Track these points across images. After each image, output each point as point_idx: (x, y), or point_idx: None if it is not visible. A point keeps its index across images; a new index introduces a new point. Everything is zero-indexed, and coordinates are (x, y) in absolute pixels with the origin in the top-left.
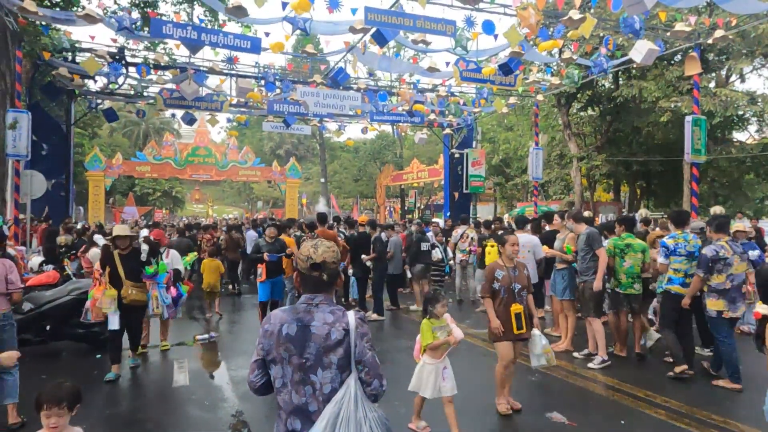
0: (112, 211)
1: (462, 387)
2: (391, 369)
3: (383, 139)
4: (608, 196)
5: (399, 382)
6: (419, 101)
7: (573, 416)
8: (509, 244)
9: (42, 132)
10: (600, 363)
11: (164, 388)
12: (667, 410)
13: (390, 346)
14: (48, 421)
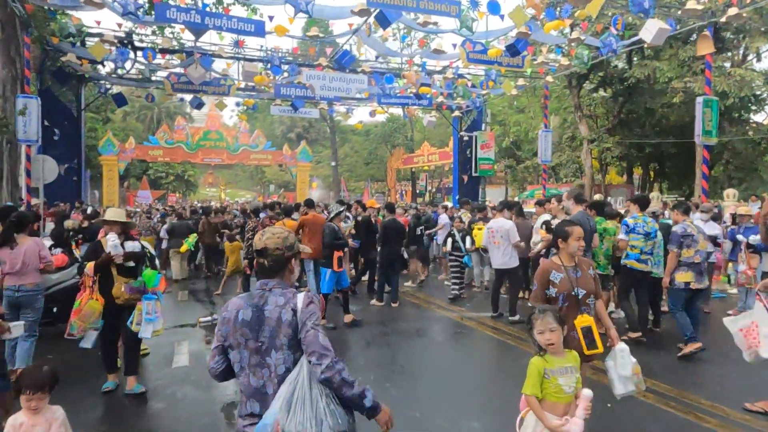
0: (126, 195)
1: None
2: (387, 352)
3: (394, 122)
4: (621, 179)
5: (393, 365)
6: (426, 83)
7: None
8: (573, 238)
9: (53, 117)
10: None
11: (164, 367)
12: (654, 393)
13: (388, 329)
14: (29, 404)
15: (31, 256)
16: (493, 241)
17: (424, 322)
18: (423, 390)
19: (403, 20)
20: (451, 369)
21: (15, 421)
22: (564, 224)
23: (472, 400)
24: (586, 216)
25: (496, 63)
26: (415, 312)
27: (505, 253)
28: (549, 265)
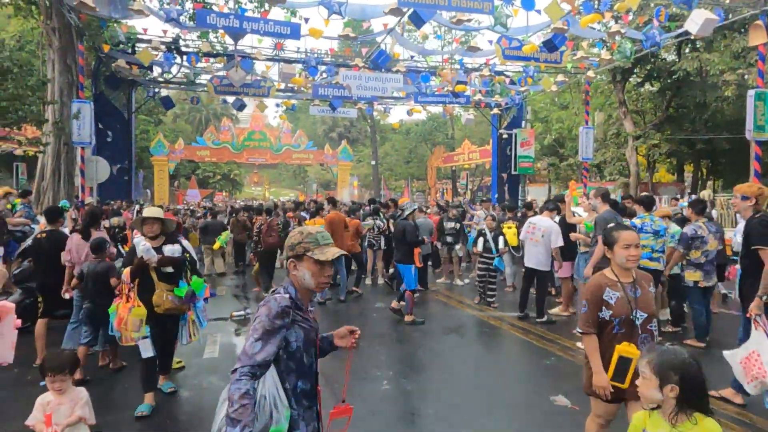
0: (176, 194)
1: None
2: (408, 348)
3: (434, 120)
4: (672, 177)
5: (413, 361)
6: (462, 81)
7: (580, 400)
8: (620, 246)
9: (107, 120)
10: None
11: (194, 357)
12: None
13: (413, 326)
14: (53, 385)
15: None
16: (531, 237)
17: (450, 321)
18: (438, 387)
19: (436, 18)
20: (470, 367)
21: (43, 399)
22: (613, 228)
23: (488, 398)
24: (614, 215)
25: (532, 59)
26: (442, 310)
27: (542, 253)
28: (602, 281)
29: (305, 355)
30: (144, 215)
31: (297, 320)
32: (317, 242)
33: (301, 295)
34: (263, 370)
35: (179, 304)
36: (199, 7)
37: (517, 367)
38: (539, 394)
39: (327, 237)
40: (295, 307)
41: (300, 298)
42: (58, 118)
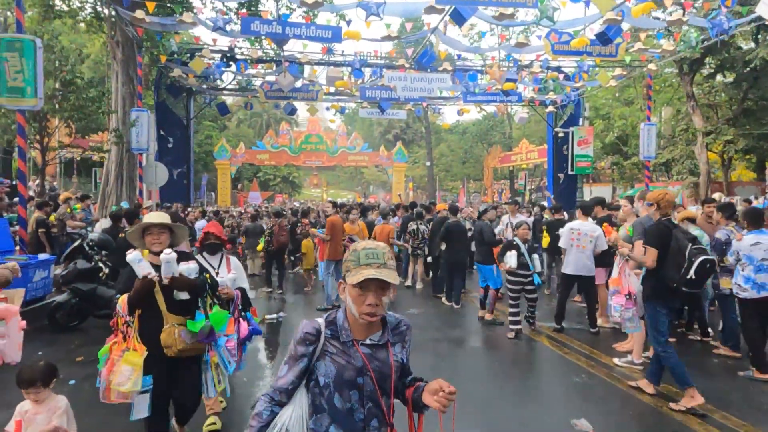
0: (237, 196)
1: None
2: (428, 357)
3: (490, 119)
4: (752, 175)
5: (431, 371)
6: (511, 79)
7: (603, 424)
8: None
9: (168, 127)
10: (627, 362)
11: None
12: (722, 429)
13: (440, 334)
14: (28, 396)
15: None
16: (577, 243)
17: (480, 329)
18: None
19: (479, 15)
20: (492, 382)
21: (22, 408)
22: None
23: (502, 417)
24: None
25: (584, 53)
26: (473, 317)
27: (589, 258)
28: None
29: (338, 397)
30: (146, 220)
31: (329, 352)
32: (357, 262)
33: (351, 323)
34: (283, 396)
35: (196, 343)
36: (244, 15)
37: (542, 383)
38: (560, 416)
39: (373, 255)
40: (332, 336)
41: (348, 327)
42: (120, 126)
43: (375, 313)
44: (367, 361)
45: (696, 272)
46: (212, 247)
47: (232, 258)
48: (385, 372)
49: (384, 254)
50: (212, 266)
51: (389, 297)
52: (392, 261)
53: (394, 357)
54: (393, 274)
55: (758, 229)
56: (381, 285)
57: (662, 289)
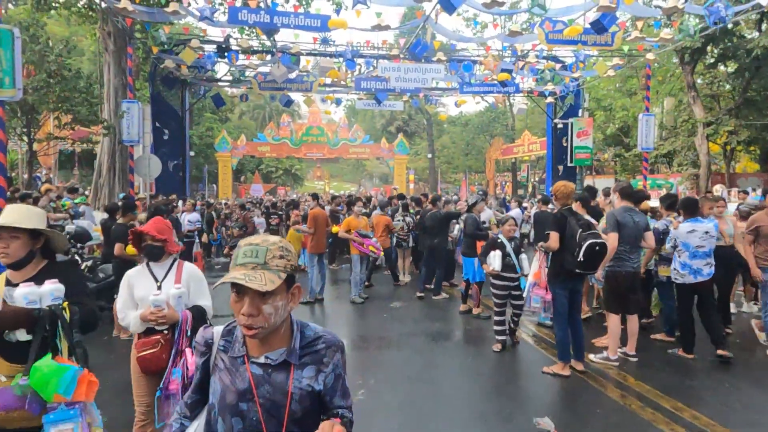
0: (239, 188)
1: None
2: (404, 354)
3: (492, 111)
4: (756, 167)
5: (404, 369)
6: (506, 69)
7: (571, 424)
8: None
9: (163, 119)
10: (603, 358)
11: None
12: (690, 429)
13: (420, 328)
14: None
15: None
16: None
17: (460, 323)
18: (417, 400)
19: (469, 3)
20: (461, 378)
21: None
22: None
23: (467, 415)
24: (630, 211)
25: (579, 42)
26: (456, 311)
27: None
28: None
29: (221, 423)
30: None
31: (219, 367)
32: (235, 260)
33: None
34: (186, 410)
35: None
36: (231, 4)
37: (514, 379)
38: (525, 413)
39: (252, 253)
40: (224, 349)
41: (242, 340)
42: (112, 118)
43: (252, 326)
44: (253, 384)
45: (585, 255)
46: (151, 252)
47: (188, 266)
48: (278, 400)
49: (268, 252)
50: (155, 277)
51: (275, 306)
52: (284, 260)
53: (298, 383)
54: (270, 277)
55: (694, 217)
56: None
57: (560, 272)
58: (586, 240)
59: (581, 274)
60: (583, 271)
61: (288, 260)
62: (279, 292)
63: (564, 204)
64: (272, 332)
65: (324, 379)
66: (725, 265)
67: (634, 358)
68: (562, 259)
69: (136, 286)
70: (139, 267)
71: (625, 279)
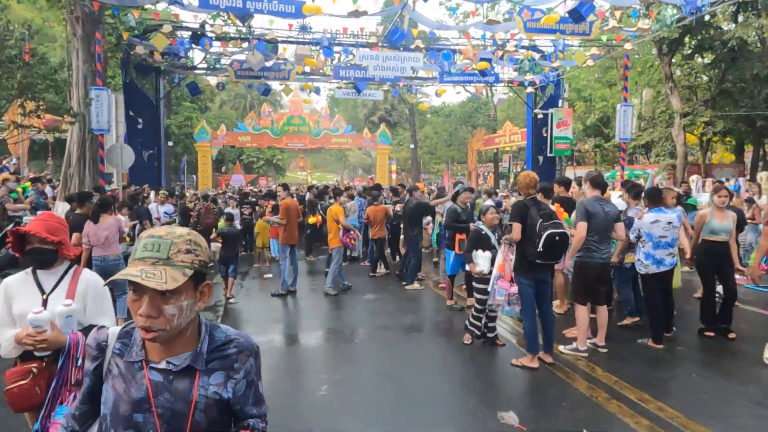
0: (218, 179)
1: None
2: (373, 349)
3: (474, 101)
4: (733, 158)
5: (370, 365)
6: (486, 58)
7: (536, 418)
8: None
9: (137, 107)
10: (572, 349)
11: None
12: (654, 421)
13: (392, 321)
14: None
15: (113, 231)
16: None
17: (433, 315)
18: (380, 396)
19: None
20: (429, 372)
21: None
22: None
23: (432, 411)
24: (600, 201)
25: (558, 32)
26: (434, 305)
27: None
28: None
29: None
30: None
31: (113, 373)
32: (133, 254)
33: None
34: (73, 423)
35: None
36: None
37: (482, 373)
38: (491, 407)
39: (154, 246)
40: (119, 353)
41: (141, 343)
42: (81, 106)
43: (151, 328)
44: (151, 392)
45: (544, 245)
46: (39, 258)
47: (86, 275)
48: (179, 410)
49: (173, 245)
50: (41, 289)
51: (179, 307)
52: (191, 255)
53: (204, 390)
54: (173, 274)
55: (658, 207)
56: (161, 290)
57: (523, 263)
58: (546, 230)
59: (543, 264)
60: (544, 262)
61: (196, 255)
62: (184, 290)
63: (527, 194)
64: (176, 335)
65: (234, 386)
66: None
67: (603, 349)
68: (524, 249)
69: (16, 299)
70: (22, 273)
71: (593, 270)
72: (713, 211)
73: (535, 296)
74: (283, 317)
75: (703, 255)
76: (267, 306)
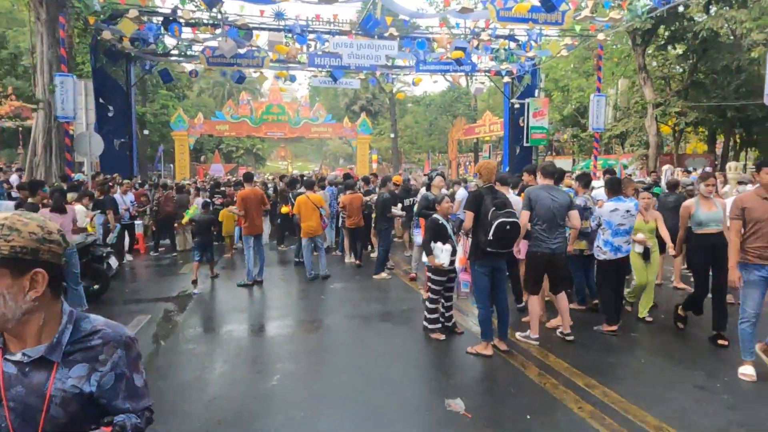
0: (197, 168)
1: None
2: (334, 337)
3: (455, 90)
4: (705, 148)
5: (326, 355)
6: (460, 47)
7: (483, 405)
8: None
9: (107, 95)
10: (525, 336)
11: None
12: (597, 406)
13: (357, 311)
14: None
15: (66, 221)
16: None
17: (401, 307)
18: (334, 388)
19: None
20: (384, 362)
21: None
22: None
23: (382, 401)
24: (548, 189)
25: (530, 21)
26: (401, 295)
27: None
28: None
29: None
30: None
31: None
32: None
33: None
34: None
35: None
36: None
37: (437, 362)
38: (440, 395)
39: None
40: None
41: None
42: (46, 92)
43: None
44: (2, 385)
45: (494, 234)
46: None
47: None
48: (33, 404)
49: None
50: None
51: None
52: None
53: (61, 384)
54: None
55: (617, 196)
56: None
57: (477, 251)
58: (498, 219)
59: (497, 252)
60: (495, 250)
61: (7, 241)
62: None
63: (486, 182)
64: (23, 325)
65: (99, 380)
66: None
67: (570, 337)
68: (477, 238)
69: None
70: None
71: (542, 260)
72: (699, 201)
73: (490, 284)
74: (246, 307)
75: (695, 251)
76: (231, 296)
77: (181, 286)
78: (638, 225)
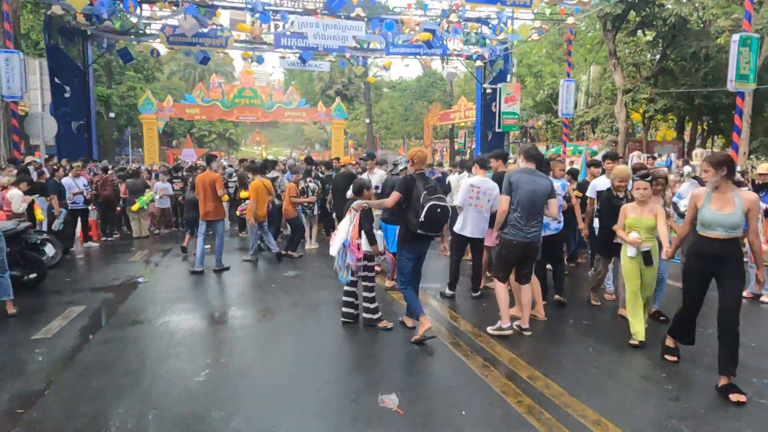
0: (167, 153)
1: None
2: (263, 327)
3: (430, 76)
4: (674, 134)
5: (249, 344)
6: (429, 29)
7: (418, 400)
8: None
9: (64, 74)
10: (496, 328)
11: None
12: (537, 400)
13: (297, 299)
14: None
15: None
16: (475, 203)
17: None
18: (262, 383)
19: None
20: (320, 354)
21: None
22: None
23: (312, 395)
24: (530, 173)
25: (498, 2)
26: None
27: (485, 219)
28: None
29: None
30: None
31: None
32: None
33: None
34: None
35: None
36: None
37: (377, 353)
38: (375, 390)
39: None
40: None
41: None
42: None
43: None
44: None
45: (426, 216)
46: None
47: None
48: None
49: None
50: None
51: None
52: None
53: None
54: None
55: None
56: None
57: (406, 235)
58: (429, 201)
59: (425, 236)
60: (425, 233)
61: None
62: None
63: (418, 169)
64: None
65: None
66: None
67: (527, 332)
68: (408, 220)
69: None
70: None
71: (515, 250)
72: (710, 195)
73: (413, 269)
74: (191, 296)
75: (691, 256)
76: (179, 285)
77: (127, 274)
78: (632, 222)
